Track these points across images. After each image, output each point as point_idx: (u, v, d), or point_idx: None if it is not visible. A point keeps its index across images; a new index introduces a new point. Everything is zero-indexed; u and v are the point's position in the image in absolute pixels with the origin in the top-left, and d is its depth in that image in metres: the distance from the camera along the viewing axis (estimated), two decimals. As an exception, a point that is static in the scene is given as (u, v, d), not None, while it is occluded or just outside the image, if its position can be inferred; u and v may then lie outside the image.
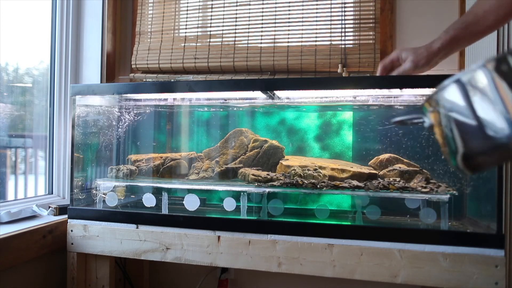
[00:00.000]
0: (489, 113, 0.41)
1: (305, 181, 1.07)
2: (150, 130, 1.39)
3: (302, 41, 1.37)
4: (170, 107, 1.34)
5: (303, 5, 1.37)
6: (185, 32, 1.47)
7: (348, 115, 1.26)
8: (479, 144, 0.42)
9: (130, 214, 1.09)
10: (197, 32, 1.46)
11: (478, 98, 0.42)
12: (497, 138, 0.40)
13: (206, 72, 1.44)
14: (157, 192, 1.18)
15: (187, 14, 1.47)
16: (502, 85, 0.40)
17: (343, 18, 1.34)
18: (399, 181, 1.03)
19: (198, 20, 1.46)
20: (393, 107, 1.13)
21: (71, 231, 1.13)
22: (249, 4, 1.41)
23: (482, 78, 0.41)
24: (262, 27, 1.40)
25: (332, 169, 1.13)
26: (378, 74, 0.99)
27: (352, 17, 1.35)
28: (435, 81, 0.86)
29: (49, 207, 1.21)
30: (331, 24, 1.35)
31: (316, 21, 1.36)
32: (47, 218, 1.16)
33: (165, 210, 1.13)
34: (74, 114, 1.20)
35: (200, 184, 1.15)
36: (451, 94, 0.45)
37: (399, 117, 0.56)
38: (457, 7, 1.27)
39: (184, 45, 1.45)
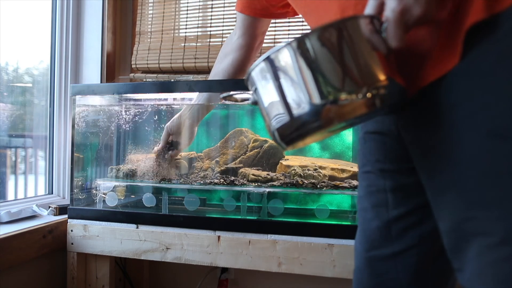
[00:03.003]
0: (292, 91, 0.42)
1: (305, 181, 1.07)
2: (150, 130, 1.39)
3: (302, 41, 1.37)
4: (170, 107, 1.34)
5: (303, 5, 1.37)
6: (185, 32, 1.47)
7: None
8: (286, 122, 0.43)
9: (130, 214, 1.09)
10: (197, 32, 1.46)
11: (283, 76, 0.43)
12: (300, 115, 0.41)
13: (206, 72, 1.44)
14: (157, 192, 1.18)
15: (187, 14, 1.47)
16: (303, 65, 0.41)
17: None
18: (399, 181, 1.03)
19: (198, 20, 1.46)
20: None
21: (71, 231, 1.13)
22: (249, 4, 1.40)
23: (286, 57, 0.43)
24: (262, 27, 1.39)
25: (332, 169, 1.13)
26: None
27: (352, 17, 1.34)
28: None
29: (49, 207, 1.21)
30: (331, 24, 1.35)
31: (316, 21, 1.36)
32: (47, 218, 1.16)
33: (165, 210, 1.13)
34: (74, 114, 1.20)
35: (201, 184, 1.15)
36: (261, 72, 0.46)
37: (228, 92, 0.56)
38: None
39: (184, 45, 1.45)
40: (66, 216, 1.15)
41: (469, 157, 0.41)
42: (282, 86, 0.43)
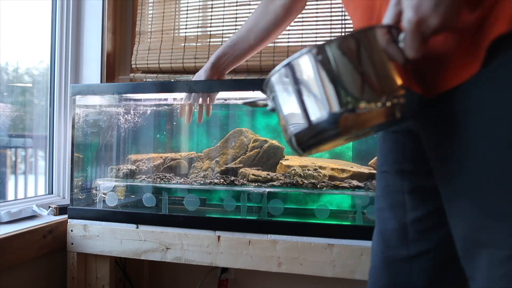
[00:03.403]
0: (311, 98, 0.43)
1: (305, 181, 1.07)
2: (150, 130, 1.39)
3: (302, 41, 1.37)
4: (170, 107, 1.34)
5: (303, 5, 1.37)
6: (185, 32, 1.47)
7: None
8: (304, 128, 0.44)
9: (130, 214, 1.09)
10: (197, 32, 1.46)
11: (303, 83, 0.44)
12: (319, 123, 0.42)
13: (206, 72, 1.43)
14: (157, 192, 1.18)
15: (187, 14, 1.47)
16: (322, 72, 0.42)
17: (343, 18, 1.34)
18: (399, 181, 1.03)
19: (198, 20, 1.46)
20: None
21: (71, 231, 1.13)
22: (249, 4, 1.41)
23: (307, 63, 0.43)
24: (262, 27, 1.39)
25: (332, 169, 1.13)
26: None
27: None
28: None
29: (49, 207, 1.21)
30: (331, 24, 1.35)
31: (316, 21, 1.36)
32: (47, 218, 1.16)
33: (165, 210, 1.13)
34: (74, 114, 1.20)
35: (201, 184, 1.15)
36: (281, 78, 0.46)
37: (250, 99, 0.57)
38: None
39: (184, 45, 1.45)
40: (66, 216, 1.15)
41: (486, 166, 0.40)
42: (302, 93, 0.43)
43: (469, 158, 0.42)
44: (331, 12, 1.35)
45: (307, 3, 0.89)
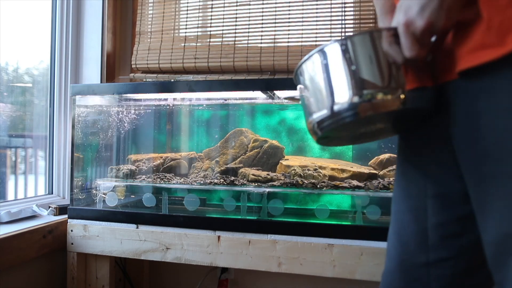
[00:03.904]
0: (338, 84, 0.48)
1: (305, 181, 1.07)
2: (150, 130, 1.39)
3: (302, 41, 1.37)
4: (170, 107, 1.34)
5: (303, 5, 1.37)
6: (185, 32, 1.47)
7: None
8: (326, 111, 0.49)
9: (130, 214, 1.09)
10: (197, 32, 1.46)
11: (331, 71, 0.49)
12: (340, 105, 0.47)
13: (206, 72, 1.44)
14: (157, 192, 1.18)
15: (187, 14, 1.47)
16: (346, 63, 0.47)
17: (343, 18, 1.34)
18: (399, 181, 1.03)
19: (198, 20, 1.46)
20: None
21: (71, 231, 1.13)
22: (249, 4, 1.41)
23: (336, 52, 0.48)
24: (262, 27, 1.40)
25: (332, 169, 1.13)
26: None
27: (352, 17, 1.34)
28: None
29: (49, 207, 1.21)
30: (331, 24, 1.35)
31: (316, 21, 1.36)
32: (47, 218, 1.16)
33: (165, 210, 1.13)
34: (74, 114, 1.20)
35: (201, 184, 1.15)
36: (312, 64, 0.51)
37: (292, 96, 0.63)
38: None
39: (184, 45, 1.45)
40: (66, 216, 1.15)
41: None
42: (331, 78, 0.48)
43: (505, 161, 0.41)
44: (331, 12, 1.35)
45: (307, 3, 0.89)
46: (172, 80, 1.43)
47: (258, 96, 1.15)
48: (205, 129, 1.37)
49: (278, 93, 1.11)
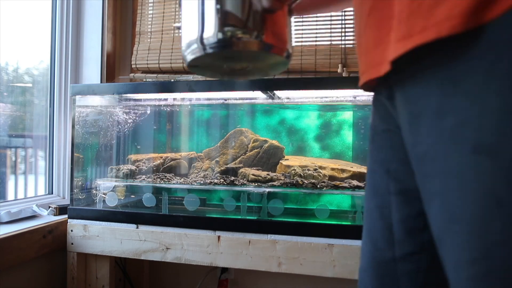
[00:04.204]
0: (207, 19, 0.54)
1: (305, 181, 1.07)
2: (150, 130, 1.39)
3: (302, 41, 1.37)
4: (170, 107, 1.34)
5: (303, 5, 1.37)
6: (185, 32, 1.47)
7: (348, 115, 1.26)
8: (196, 39, 0.55)
9: (130, 214, 1.09)
10: (197, 32, 1.46)
11: (205, 5, 0.54)
12: (207, 37, 0.54)
13: (206, 72, 1.43)
14: (157, 192, 1.19)
15: (187, 14, 1.47)
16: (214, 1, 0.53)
17: (343, 18, 1.34)
18: (399, 181, 1.03)
19: (198, 20, 1.46)
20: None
21: (71, 231, 1.13)
22: (249, 4, 1.40)
23: None
24: (262, 27, 1.39)
25: (332, 169, 1.13)
26: None
27: (352, 17, 1.34)
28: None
29: (49, 207, 1.21)
30: (331, 24, 1.35)
31: (316, 21, 1.36)
32: (47, 218, 1.16)
33: (165, 210, 1.13)
34: (74, 114, 1.20)
35: (201, 184, 1.15)
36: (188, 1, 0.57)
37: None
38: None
39: (184, 45, 1.45)
40: (66, 216, 1.15)
41: (455, 170, 0.41)
42: (204, 13, 0.55)
43: (441, 160, 0.42)
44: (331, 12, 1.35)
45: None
46: (172, 80, 1.43)
47: (258, 96, 1.15)
48: (205, 129, 1.37)
49: (278, 93, 1.11)
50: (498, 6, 0.36)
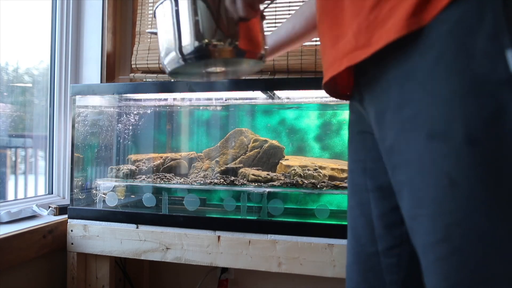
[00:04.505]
0: (184, 29, 0.56)
1: (305, 181, 1.07)
2: (150, 130, 1.39)
3: (302, 41, 1.37)
4: (170, 107, 1.34)
5: (303, 5, 1.37)
6: (185, 32, 1.47)
7: (348, 115, 1.26)
8: (174, 50, 0.57)
9: (130, 214, 1.09)
10: (197, 32, 1.46)
11: (180, 16, 0.56)
12: (184, 47, 0.56)
13: (206, 72, 1.43)
14: (157, 192, 1.19)
15: (187, 14, 1.47)
16: (192, 12, 0.56)
17: (343, 18, 1.34)
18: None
19: (198, 20, 1.46)
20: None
21: (71, 231, 1.13)
22: (249, 4, 1.40)
23: (184, 3, 0.56)
24: (262, 27, 1.39)
25: (332, 169, 1.13)
26: None
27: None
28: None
29: (49, 207, 1.21)
30: (331, 24, 1.35)
31: (316, 21, 1.36)
32: (47, 218, 1.16)
33: (165, 210, 1.13)
34: (74, 114, 1.20)
35: (201, 184, 1.15)
36: (163, 11, 0.59)
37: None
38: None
39: (184, 45, 1.45)
40: (66, 216, 1.15)
41: (415, 157, 0.43)
42: (179, 24, 0.56)
43: (404, 150, 0.45)
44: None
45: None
46: (172, 80, 1.43)
47: (258, 96, 1.15)
48: (205, 129, 1.37)
49: (278, 93, 1.11)
50: (433, 8, 0.40)
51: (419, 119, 0.42)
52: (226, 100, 1.22)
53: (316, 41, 1.36)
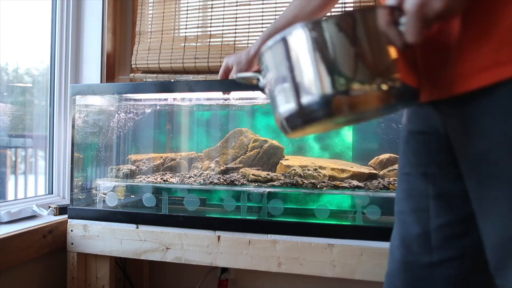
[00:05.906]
0: (303, 77, 0.41)
1: (305, 181, 1.07)
2: (150, 130, 1.39)
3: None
4: (170, 107, 1.34)
5: (303, 5, 1.37)
6: (185, 32, 1.47)
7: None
8: (294, 108, 0.42)
9: (130, 214, 1.09)
10: (197, 32, 1.46)
11: (295, 60, 0.41)
12: (310, 103, 0.40)
13: (206, 72, 1.44)
14: (157, 192, 1.18)
15: (187, 14, 1.47)
16: (316, 50, 0.40)
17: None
18: (399, 181, 1.03)
19: (198, 20, 1.46)
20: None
21: (71, 231, 1.13)
22: (249, 4, 1.41)
23: (301, 39, 0.41)
24: (262, 27, 1.40)
25: (332, 169, 1.13)
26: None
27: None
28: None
29: (49, 207, 1.21)
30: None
31: (316, 21, 1.36)
32: (47, 218, 1.16)
33: (165, 210, 1.13)
34: (74, 114, 1.20)
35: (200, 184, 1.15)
36: (273, 54, 0.44)
37: (245, 75, 0.54)
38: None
39: (184, 45, 1.45)
40: (66, 216, 1.15)
41: None
42: (294, 71, 0.41)
43: (508, 163, 0.40)
44: (330, 11, 1.35)
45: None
46: (172, 80, 1.43)
47: (258, 96, 1.15)
48: (205, 129, 1.37)
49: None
50: None
51: None
52: (226, 100, 1.22)
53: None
